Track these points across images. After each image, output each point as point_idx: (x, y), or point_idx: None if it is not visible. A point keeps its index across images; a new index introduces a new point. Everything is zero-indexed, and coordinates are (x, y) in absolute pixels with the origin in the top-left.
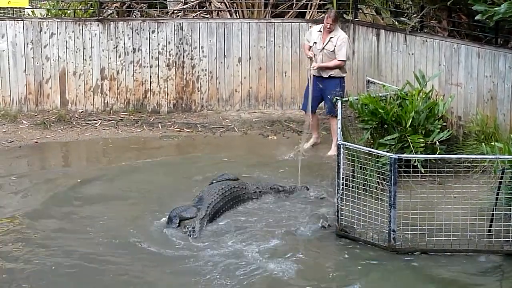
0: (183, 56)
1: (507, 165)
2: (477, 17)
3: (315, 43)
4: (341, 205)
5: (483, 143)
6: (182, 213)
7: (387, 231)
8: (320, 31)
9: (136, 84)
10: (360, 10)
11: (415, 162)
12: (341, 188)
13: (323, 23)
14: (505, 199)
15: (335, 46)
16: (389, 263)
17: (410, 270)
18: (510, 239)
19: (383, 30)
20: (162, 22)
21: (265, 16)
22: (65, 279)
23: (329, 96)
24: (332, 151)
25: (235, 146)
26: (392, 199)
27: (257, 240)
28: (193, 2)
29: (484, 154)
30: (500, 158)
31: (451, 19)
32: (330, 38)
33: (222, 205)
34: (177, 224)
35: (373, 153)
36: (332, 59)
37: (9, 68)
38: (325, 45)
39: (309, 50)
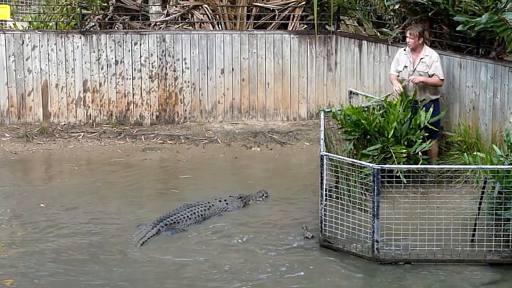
0: (166, 68)
1: (489, 175)
2: (458, 28)
3: (405, 66)
4: (324, 216)
5: (465, 153)
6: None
7: (370, 242)
8: (406, 53)
9: (119, 96)
10: (342, 21)
11: (397, 172)
12: (324, 199)
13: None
14: (487, 209)
15: (429, 66)
16: (373, 274)
17: (393, 281)
18: (493, 249)
19: (365, 41)
20: (145, 34)
21: (248, 28)
22: None
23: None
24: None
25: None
26: (375, 209)
27: (240, 251)
28: (175, 14)
29: (466, 164)
30: (482, 168)
31: (432, 29)
32: (421, 59)
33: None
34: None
35: (356, 163)
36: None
37: None
38: (417, 67)
39: (398, 76)
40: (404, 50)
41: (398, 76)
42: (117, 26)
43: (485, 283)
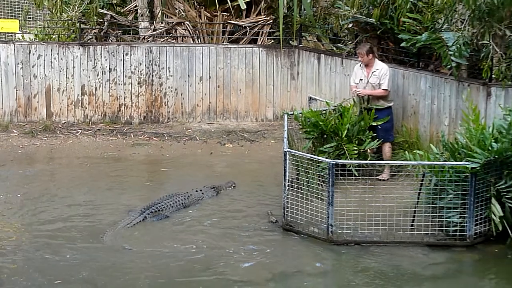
0: (152, 76)
1: (427, 170)
2: (402, 44)
3: (360, 79)
4: (286, 203)
5: (406, 151)
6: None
7: (326, 226)
8: (361, 68)
9: (112, 99)
10: (303, 37)
11: (350, 167)
12: (286, 189)
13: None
14: (425, 199)
15: (380, 78)
16: (327, 253)
17: (344, 259)
18: (429, 233)
19: (323, 55)
20: (134, 46)
21: (223, 42)
22: None
23: (379, 126)
24: (385, 175)
25: None
26: (330, 198)
27: (212, 234)
28: (161, 29)
29: (407, 161)
30: (421, 164)
31: (380, 45)
32: (373, 72)
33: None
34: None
35: (315, 159)
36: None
37: (1, 85)
38: (369, 79)
39: (355, 88)
40: (360, 65)
41: (357, 87)
42: (111, 39)
43: (422, 263)
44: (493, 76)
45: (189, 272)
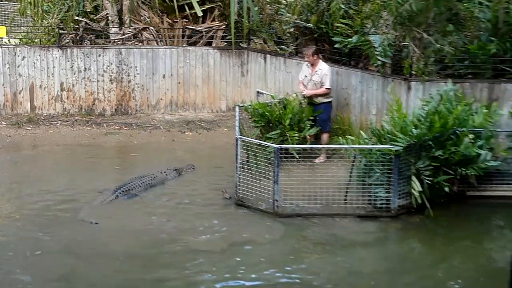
0: (122, 74)
1: (357, 152)
2: (336, 46)
3: (305, 76)
4: (238, 182)
5: (340, 137)
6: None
7: (272, 201)
8: (308, 66)
9: (87, 94)
10: (252, 40)
11: (292, 151)
12: (238, 170)
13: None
14: (356, 177)
15: (321, 77)
16: (274, 225)
17: (289, 229)
18: (360, 206)
19: (269, 55)
20: (106, 48)
21: (183, 44)
22: None
23: (317, 118)
24: (322, 158)
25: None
26: (275, 177)
27: (174, 210)
28: (129, 34)
29: (341, 145)
30: (353, 147)
31: (317, 47)
32: (316, 71)
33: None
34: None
35: (262, 144)
36: (319, 88)
37: None
38: (312, 77)
39: (302, 83)
40: (307, 64)
41: (303, 82)
42: (86, 42)
43: (360, 232)
44: (413, 72)
45: (157, 244)
